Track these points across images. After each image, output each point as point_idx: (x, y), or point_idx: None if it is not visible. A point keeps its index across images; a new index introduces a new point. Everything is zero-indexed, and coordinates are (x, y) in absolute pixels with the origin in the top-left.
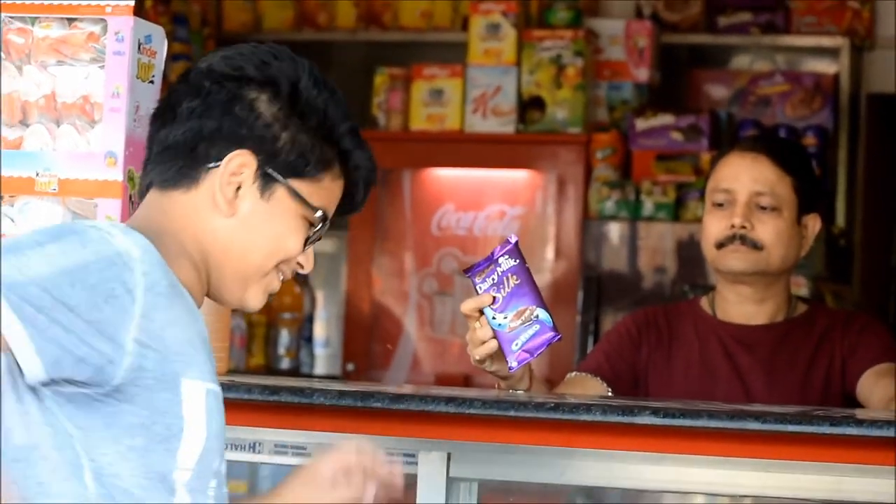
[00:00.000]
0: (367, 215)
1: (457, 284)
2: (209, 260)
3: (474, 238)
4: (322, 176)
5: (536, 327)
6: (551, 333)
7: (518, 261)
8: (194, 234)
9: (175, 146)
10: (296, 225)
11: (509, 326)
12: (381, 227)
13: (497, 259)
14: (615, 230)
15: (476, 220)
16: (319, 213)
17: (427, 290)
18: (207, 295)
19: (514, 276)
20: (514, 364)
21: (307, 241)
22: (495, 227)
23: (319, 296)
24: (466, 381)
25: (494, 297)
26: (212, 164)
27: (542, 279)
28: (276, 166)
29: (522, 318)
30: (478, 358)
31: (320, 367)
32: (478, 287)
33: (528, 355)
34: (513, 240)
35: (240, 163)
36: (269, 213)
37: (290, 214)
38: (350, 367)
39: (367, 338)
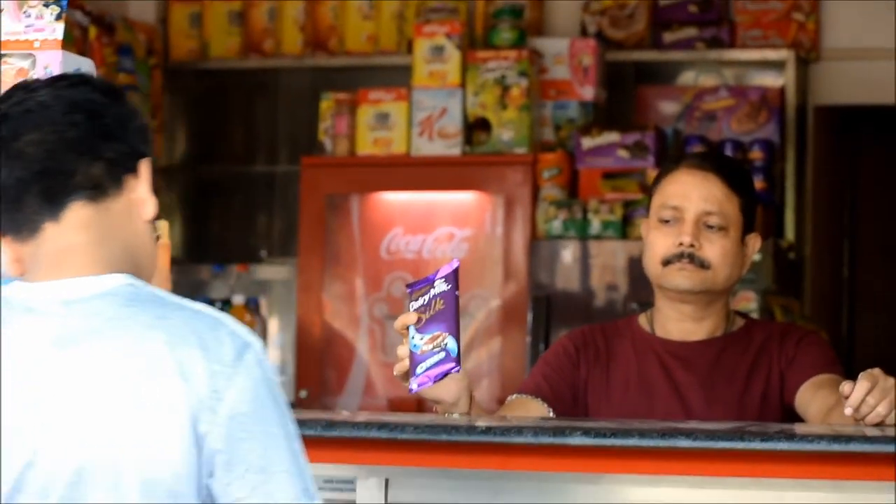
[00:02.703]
0: (317, 241)
1: (407, 308)
2: (140, 266)
3: (424, 261)
4: None
5: (441, 355)
6: (452, 364)
7: (450, 286)
8: (127, 241)
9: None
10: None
11: (422, 349)
12: (330, 253)
13: (434, 281)
14: (563, 249)
15: (425, 242)
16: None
17: (378, 314)
18: None
19: (442, 301)
20: (413, 387)
21: None
22: (444, 250)
23: (272, 323)
24: (420, 406)
25: (420, 318)
26: (131, 171)
27: (492, 301)
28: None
29: (434, 343)
30: (395, 374)
31: None
32: (410, 305)
33: (427, 381)
34: (454, 264)
35: (146, 167)
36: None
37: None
38: (303, 393)
39: (320, 364)
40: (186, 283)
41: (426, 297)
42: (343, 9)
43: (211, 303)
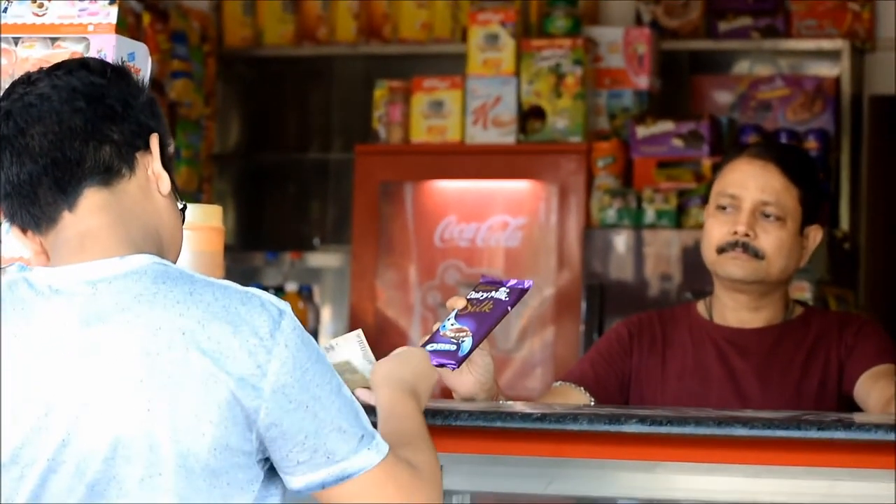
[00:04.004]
0: (370, 229)
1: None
2: (162, 244)
3: (478, 249)
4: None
5: (451, 348)
6: (452, 362)
7: (507, 300)
8: (147, 220)
9: (100, 139)
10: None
11: (444, 333)
12: (384, 241)
13: (501, 286)
14: (617, 238)
15: (479, 231)
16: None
17: (431, 302)
18: None
19: (491, 305)
20: None
21: None
22: (498, 238)
23: (325, 311)
24: None
25: (467, 307)
26: (138, 150)
27: (546, 289)
28: (164, 147)
29: (455, 334)
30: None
31: None
32: (470, 293)
33: None
34: (527, 284)
35: (156, 139)
36: (171, 195)
37: (172, 196)
38: None
39: (372, 352)
40: (239, 271)
41: (485, 295)
42: None
43: (264, 290)
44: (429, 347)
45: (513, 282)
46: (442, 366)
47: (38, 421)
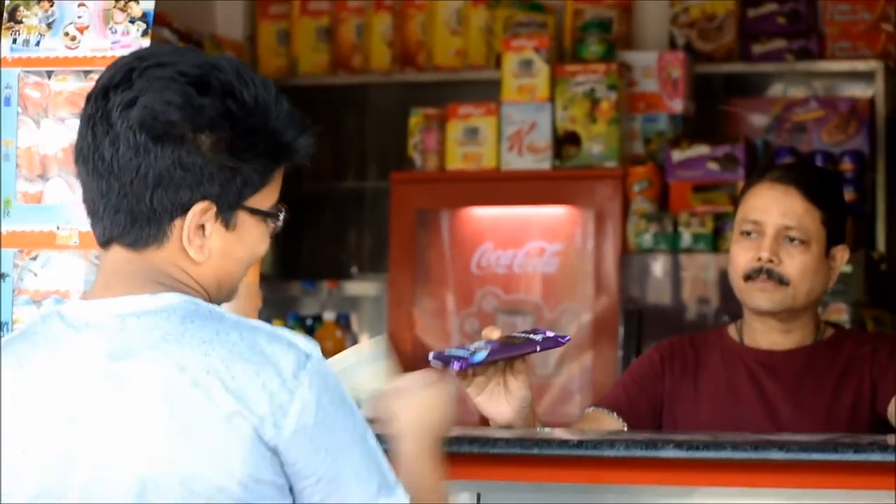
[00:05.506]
0: (407, 257)
1: (499, 323)
2: (204, 289)
3: (515, 276)
4: (271, 177)
5: (464, 354)
6: (457, 364)
7: (537, 342)
8: (187, 273)
9: (130, 208)
10: (260, 231)
11: (469, 347)
12: (421, 269)
13: (540, 332)
14: (654, 263)
15: (516, 257)
16: (280, 213)
17: (469, 329)
18: None
19: (522, 340)
20: (431, 355)
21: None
22: (535, 265)
23: (363, 339)
24: None
25: (500, 338)
26: (177, 218)
27: (583, 315)
28: (232, 198)
29: (475, 347)
30: None
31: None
32: (520, 331)
33: (435, 358)
34: (563, 340)
35: (202, 209)
36: (238, 238)
37: (254, 227)
38: None
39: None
40: (277, 300)
41: (523, 335)
42: (431, 24)
43: (302, 319)
44: (446, 351)
45: (552, 333)
46: (447, 363)
47: (65, 455)
